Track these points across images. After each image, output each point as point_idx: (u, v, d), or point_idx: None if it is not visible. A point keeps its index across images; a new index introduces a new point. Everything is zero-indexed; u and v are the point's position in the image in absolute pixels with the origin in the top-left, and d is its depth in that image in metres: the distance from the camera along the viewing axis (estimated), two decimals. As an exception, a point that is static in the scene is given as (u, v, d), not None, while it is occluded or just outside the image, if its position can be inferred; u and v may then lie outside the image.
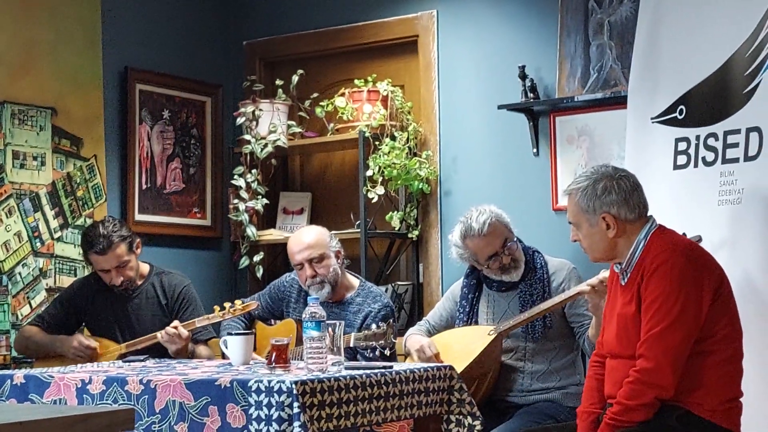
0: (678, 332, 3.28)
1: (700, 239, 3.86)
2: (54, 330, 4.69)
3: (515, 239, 4.33)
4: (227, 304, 4.48)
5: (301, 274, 4.55)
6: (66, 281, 5.07)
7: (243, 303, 4.50)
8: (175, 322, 4.47)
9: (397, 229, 5.39)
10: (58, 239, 5.15)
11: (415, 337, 4.44)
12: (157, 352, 4.52)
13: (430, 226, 5.42)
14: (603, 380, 3.54)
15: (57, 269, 5.13)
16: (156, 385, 3.48)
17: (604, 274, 3.86)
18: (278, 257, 5.86)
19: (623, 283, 3.47)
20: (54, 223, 5.13)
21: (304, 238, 4.59)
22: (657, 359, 3.27)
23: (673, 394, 3.31)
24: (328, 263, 4.53)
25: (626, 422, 3.31)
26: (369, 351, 4.23)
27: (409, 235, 5.42)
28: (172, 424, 3.42)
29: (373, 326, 4.23)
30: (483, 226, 4.26)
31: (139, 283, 4.72)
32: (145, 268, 4.78)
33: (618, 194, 3.44)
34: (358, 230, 5.30)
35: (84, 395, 3.61)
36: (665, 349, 3.27)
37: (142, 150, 5.50)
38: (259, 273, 5.57)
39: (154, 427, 3.46)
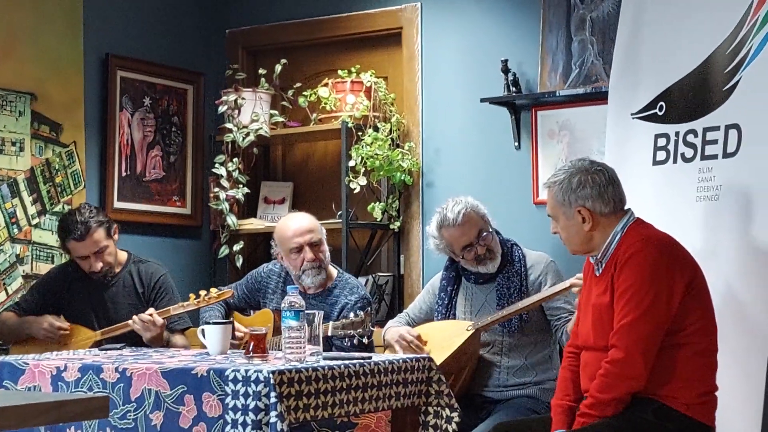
0: (649, 323, 3.30)
1: None
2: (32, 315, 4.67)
3: (491, 230, 4.34)
4: (203, 292, 4.47)
5: (297, 258, 4.48)
6: (43, 268, 5.05)
7: (218, 291, 4.50)
8: (150, 310, 4.46)
9: (378, 220, 5.39)
10: (36, 226, 5.12)
11: (393, 329, 4.44)
12: (135, 340, 4.51)
13: (411, 218, 5.42)
14: (577, 372, 3.56)
15: (34, 256, 5.11)
16: (132, 373, 3.47)
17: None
18: (258, 247, 5.85)
19: (598, 274, 3.50)
20: (32, 210, 5.11)
21: (304, 221, 4.55)
22: (628, 349, 3.29)
23: (647, 387, 3.33)
24: (325, 249, 4.53)
25: (599, 416, 3.33)
26: (347, 340, 4.22)
27: (391, 227, 5.42)
28: (148, 412, 3.42)
29: (351, 315, 4.23)
30: (458, 216, 4.28)
31: (117, 270, 4.70)
32: (122, 256, 4.76)
33: (593, 188, 3.48)
34: (340, 221, 5.30)
35: (59, 383, 3.60)
36: (636, 339, 3.29)
37: (122, 137, 5.48)
38: (239, 262, 5.56)
39: (130, 416, 3.45)
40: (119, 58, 5.46)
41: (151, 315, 4.42)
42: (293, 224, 4.54)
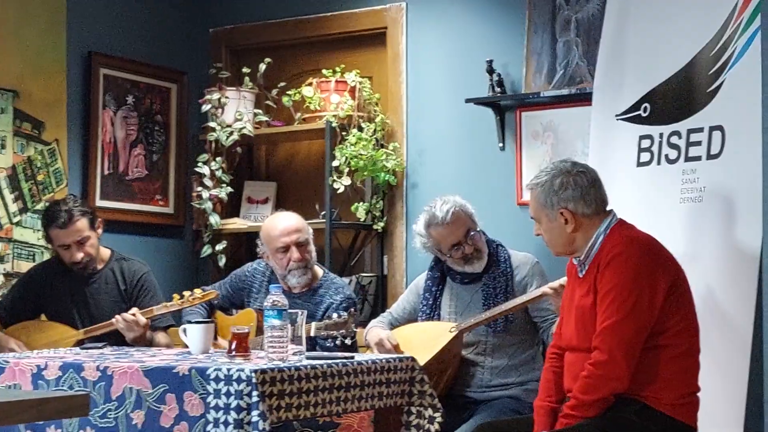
0: (632, 325, 3.30)
1: None
2: (13, 316, 4.65)
3: (479, 230, 4.35)
4: (186, 293, 4.45)
5: (284, 258, 4.48)
6: (24, 266, 5.02)
7: (203, 291, 4.48)
8: (134, 309, 4.44)
9: (362, 220, 5.38)
10: (17, 224, 5.09)
11: (375, 330, 4.44)
12: (117, 339, 4.49)
13: (395, 218, 5.41)
14: (560, 373, 3.57)
15: (15, 254, 5.08)
16: (113, 372, 3.45)
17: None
18: (241, 246, 5.83)
19: (581, 276, 3.49)
20: (13, 207, 5.08)
21: (291, 221, 4.55)
22: (611, 351, 3.30)
23: (630, 388, 3.33)
24: (312, 248, 4.53)
25: (581, 417, 3.33)
26: (330, 341, 4.21)
27: (375, 227, 5.41)
28: (129, 411, 3.39)
29: (334, 315, 4.21)
30: (446, 215, 4.28)
31: (99, 267, 4.69)
32: (105, 253, 4.74)
33: (575, 190, 3.48)
34: (323, 221, 5.28)
35: (39, 381, 3.58)
36: (619, 341, 3.29)
37: (105, 135, 5.45)
38: (222, 262, 5.54)
39: (110, 415, 3.43)
40: (102, 56, 5.44)
41: (134, 315, 4.40)
42: (280, 223, 4.53)
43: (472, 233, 4.32)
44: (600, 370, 3.31)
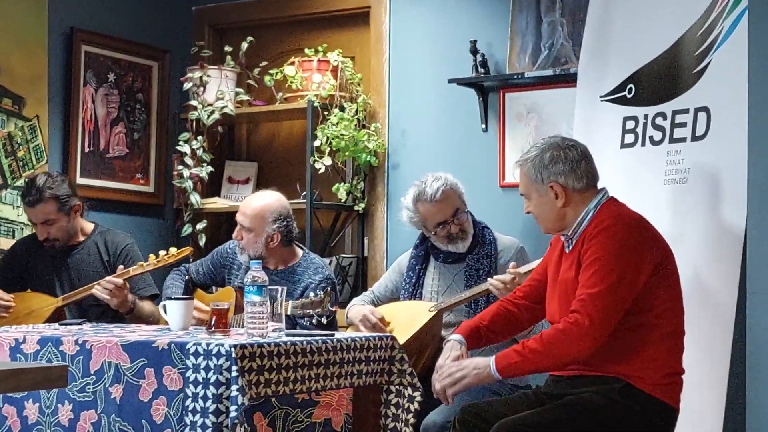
0: (612, 297, 3.27)
1: None
2: None
3: (467, 210, 4.33)
4: (162, 252, 4.45)
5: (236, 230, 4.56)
6: (5, 243, 4.98)
7: (177, 250, 4.47)
8: (107, 278, 4.42)
9: (343, 201, 5.35)
10: (-3, 199, 5.06)
11: (356, 307, 4.42)
12: (98, 316, 4.47)
13: (376, 199, 5.39)
14: (505, 312, 3.62)
15: (-6, 229, 5.05)
16: (92, 345, 3.42)
17: (527, 267, 3.97)
18: (222, 226, 5.80)
19: (568, 251, 3.47)
20: (-7, 183, 5.04)
21: (253, 203, 4.53)
22: (591, 317, 3.26)
23: (614, 366, 3.31)
24: (253, 238, 4.47)
25: (532, 361, 3.30)
26: (306, 319, 4.18)
27: (356, 208, 5.38)
28: (107, 385, 3.37)
29: (311, 294, 4.19)
30: (436, 192, 4.26)
31: (82, 239, 4.70)
32: (89, 226, 4.75)
33: (565, 164, 3.45)
34: (304, 201, 5.26)
35: (18, 354, 3.55)
36: (599, 310, 3.26)
37: (85, 112, 5.41)
38: (202, 241, 5.51)
39: (89, 389, 3.40)
40: (84, 33, 5.39)
41: (109, 281, 4.38)
42: (246, 200, 4.62)
43: (459, 213, 4.30)
44: (577, 330, 3.26)
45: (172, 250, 4.46)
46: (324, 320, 4.18)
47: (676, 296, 3.41)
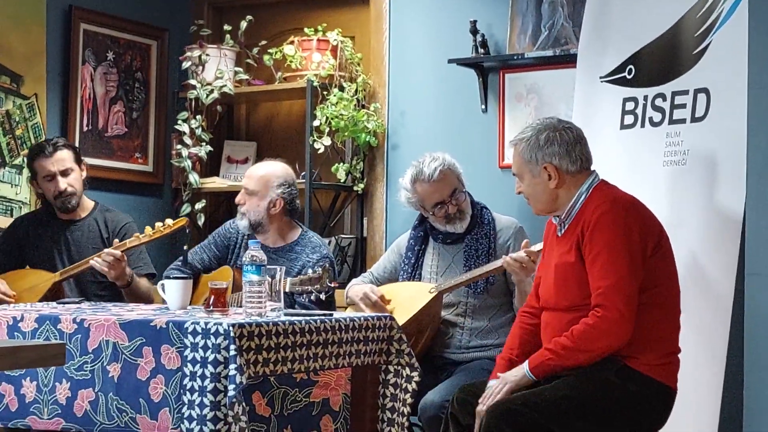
0: (633, 281, 3.28)
1: None
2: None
3: (465, 191, 4.32)
4: (158, 223, 4.48)
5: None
6: (3, 221, 4.98)
7: (173, 221, 4.49)
8: (106, 249, 4.43)
9: (342, 181, 5.35)
10: (-5, 178, 5.05)
11: (357, 287, 4.42)
12: (96, 295, 4.48)
13: (376, 180, 5.38)
14: (529, 330, 3.56)
15: (-7, 208, 5.04)
16: (90, 324, 3.42)
17: (538, 246, 3.92)
18: (221, 206, 5.80)
19: (560, 234, 3.47)
20: (-9, 161, 5.03)
21: (260, 168, 4.61)
22: (619, 309, 3.26)
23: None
24: (256, 202, 4.51)
25: (566, 358, 3.30)
26: (305, 296, 4.19)
27: (355, 188, 5.38)
28: (105, 364, 3.37)
29: (309, 271, 4.19)
30: (434, 172, 4.26)
31: (83, 215, 4.72)
32: (89, 203, 4.78)
33: (560, 145, 3.45)
34: (303, 181, 5.25)
35: (15, 333, 3.54)
36: (624, 298, 3.26)
37: (84, 91, 5.40)
38: (201, 221, 5.51)
39: (87, 367, 3.40)
40: (83, 11, 5.37)
41: (108, 252, 4.40)
42: (251, 167, 4.68)
43: (457, 193, 4.29)
44: (606, 324, 3.26)
45: (168, 221, 4.48)
46: (323, 296, 4.19)
47: (672, 275, 3.41)
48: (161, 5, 5.79)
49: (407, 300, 4.28)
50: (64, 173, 4.61)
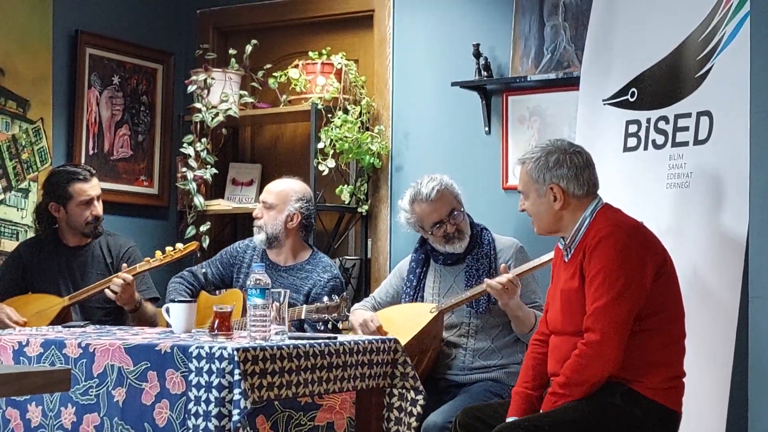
0: (623, 305, 3.29)
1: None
2: (3, 293, 4.65)
3: (462, 210, 4.35)
4: (168, 248, 4.51)
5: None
6: (8, 245, 4.99)
7: (183, 246, 4.54)
8: (118, 274, 4.45)
9: (347, 203, 5.36)
10: (1, 202, 5.06)
11: (358, 312, 4.43)
12: (100, 320, 4.48)
13: (380, 201, 5.39)
14: (541, 360, 3.56)
15: (-1, 232, 5.06)
16: (95, 349, 3.43)
17: (520, 269, 4.03)
18: (225, 228, 5.81)
19: (566, 260, 3.48)
20: (-3, 185, 5.06)
21: (279, 183, 4.71)
22: (603, 331, 3.28)
23: (618, 370, 3.32)
24: (274, 215, 4.60)
25: (568, 396, 3.32)
26: (321, 324, 4.22)
27: (359, 210, 5.39)
28: (110, 388, 3.38)
29: (325, 298, 4.21)
30: (431, 191, 4.29)
31: (88, 241, 4.75)
32: None
33: (569, 169, 3.46)
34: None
35: (21, 357, 3.56)
36: (611, 321, 3.28)
37: (90, 115, 5.42)
38: (206, 243, 5.52)
39: (92, 392, 3.41)
40: (89, 35, 5.40)
41: (119, 277, 4.44)
42: (270, 184, 4.76)
43: (455, 213, 4.32)
44: (592, 350, 3.29)
45: (179, 245, 4.52)
46: (340, 325, 4.24)
47: (676, 299, 3.42)
48: (167, 30, 5.82)
49: (409, 321, 4.29)
50: (99, 198, 4.71)
